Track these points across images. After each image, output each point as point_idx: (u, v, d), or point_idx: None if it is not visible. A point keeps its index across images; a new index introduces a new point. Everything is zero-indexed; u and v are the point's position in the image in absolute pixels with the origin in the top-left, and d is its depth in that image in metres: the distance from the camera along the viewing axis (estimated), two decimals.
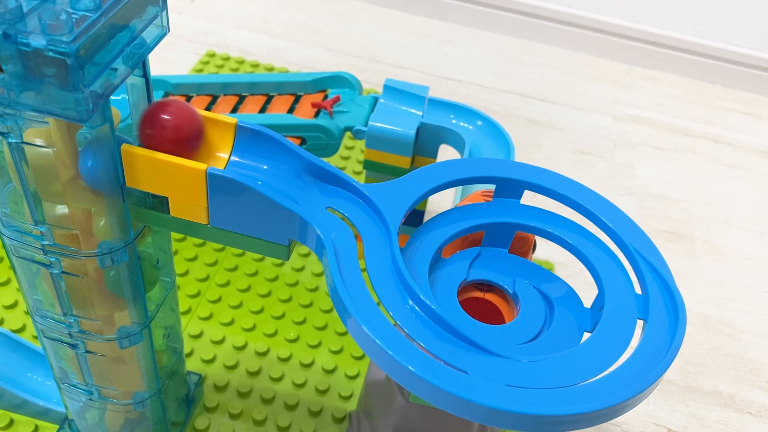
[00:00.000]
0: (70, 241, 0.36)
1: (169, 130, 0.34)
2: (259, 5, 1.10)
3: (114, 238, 0.36)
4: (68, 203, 0.34)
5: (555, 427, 0.30)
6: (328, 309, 0.65)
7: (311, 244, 0.35)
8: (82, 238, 0.36)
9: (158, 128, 0.34)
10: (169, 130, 0.34)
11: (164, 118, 0.34)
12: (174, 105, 0.34)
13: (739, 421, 0.63)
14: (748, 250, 0.80)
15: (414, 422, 0.46)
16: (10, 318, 0.61)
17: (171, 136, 0.34)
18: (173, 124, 0.34)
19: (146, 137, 0.34)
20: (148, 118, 0.34)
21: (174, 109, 0.34)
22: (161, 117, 0.34)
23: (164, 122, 0.34)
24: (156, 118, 0.34)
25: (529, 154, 0.89)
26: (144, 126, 0.34)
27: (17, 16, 0.27)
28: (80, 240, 0.36)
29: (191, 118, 0.34)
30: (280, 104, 0.66)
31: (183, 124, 0.34)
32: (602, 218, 0.37)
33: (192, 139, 0.35)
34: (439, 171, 0.38)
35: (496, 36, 1.11)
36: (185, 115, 0.34)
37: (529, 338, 0.35)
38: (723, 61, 1.06)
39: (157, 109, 0.34)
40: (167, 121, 0.34)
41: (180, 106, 0.34)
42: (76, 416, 0.49)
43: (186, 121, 0.34)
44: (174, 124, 0.34)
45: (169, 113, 0.34)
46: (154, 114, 0.34)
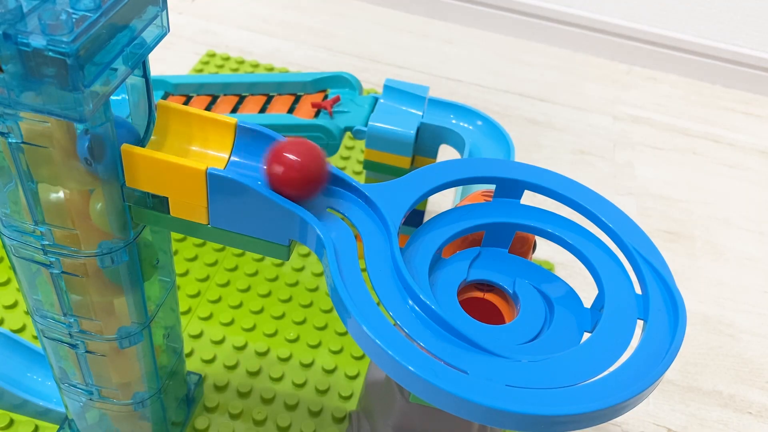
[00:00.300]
0: (70, 241, 0.36)
1: (296, 172, 0.33)
2: (259, 5, 1.10)
3: (111, 223, 0.36)
4: (64, 185, 0.34)
5: (555, 427, 0.30)
6: (328, 309, 0.65)
7: (311, 244, 0.35)
8: (77, 223, 0.35)
9: (287, 168, 0.33)
10: (295, 172, 0.33)
11: (292, 159, 0.33)
12: (304, 146, 0.33)
13: (739, 421, 0.63)
14: (748, 250, 0.80)
15: (414, 422, 0.46)
16: (10, 318, 0.61)
17: (297, 178, 0.33)
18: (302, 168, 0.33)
19: (273, 176, 0.33)
20: (277, 155, 0.33)
21: (304, 150, 0.33)
22: (288, 157, 0.33)
23: (292, 163, 0.33)
24: (284, 159, 0.33)
25: (529, 154, 0.89)
26: (273, 163, 0.33)
27: (17, 16, 0.27)
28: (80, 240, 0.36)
29: (320, 163, 0.33)
30: (280, 104, 0.66)
31: (311, 170, 0.33)
32: (602, 218, 0.37)
33: (319, 185, 0.34)
34: (439, 171, 0.38)
35: (496, 36, 1.11)
36: (314, 157, 0.33)
37: (529, 338, 0.35)
38: (723, 61, 1.06)
39: (285, 149, 0.33)
40: (296, 162, 0.33)
41: (309, 148, 0.33)
42: (76, 416, 0.49)
43: (315, 166, 0.33)
44: (304, 169, 0.33)
45: (297, 154, 0.33)
46: (283, 152, 0.33)
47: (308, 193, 0.34)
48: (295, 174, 0.33)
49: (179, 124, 0.36)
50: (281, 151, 0.33)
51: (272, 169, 0.33)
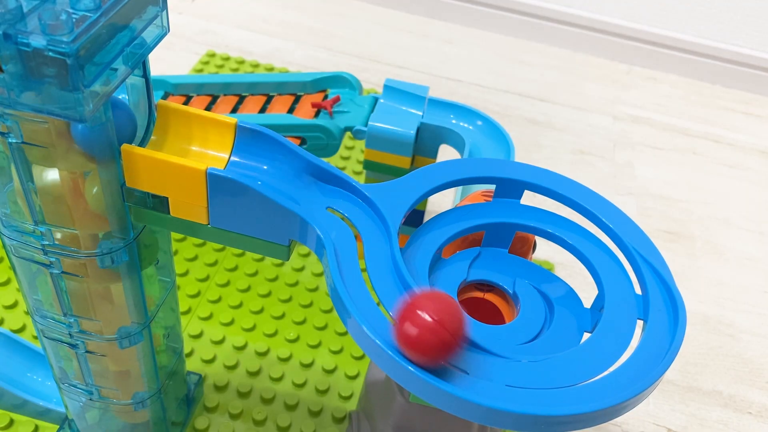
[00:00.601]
0: (70, 241, 0.36)
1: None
2: (259, 5, 1.10)
3: (107, 208, 0.36)
4: (58, 166, 0.34)
5: (555, 427, 0.30)
6: (328, 309, 0.65)
7: (311, 244, 0.35)
8: (72, 207, 0.35)
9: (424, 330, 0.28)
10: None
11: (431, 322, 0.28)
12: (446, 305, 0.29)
13: (739, 421, 0.63)
14: (748, 250, 0.80)
15: (414, 422, 0.46)
16: (10, 318, 0.61)
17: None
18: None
19: (405, 335, 0.29)
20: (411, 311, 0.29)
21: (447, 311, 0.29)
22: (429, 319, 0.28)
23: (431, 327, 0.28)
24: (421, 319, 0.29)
25: (529, 154, 0.89)
26: (406, 320, 0.29)
27: (17, 16, 0.27)
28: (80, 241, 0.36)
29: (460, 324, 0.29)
30: (280, 104, 0.66)
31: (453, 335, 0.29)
32: (602, 218, 0.37)
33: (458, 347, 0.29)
34: (439, 171, 0.38)
35: (496, 36, 1.11)
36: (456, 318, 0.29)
37: (529, 338, 0.35)
38: (723, 61, 1.06)
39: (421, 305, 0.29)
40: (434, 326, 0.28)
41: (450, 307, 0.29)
42: (76, 416, 0.49)
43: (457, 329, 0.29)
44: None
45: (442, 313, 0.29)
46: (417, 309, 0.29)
47: (440, 359, 0.30)
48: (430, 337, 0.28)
49: (179, 124, 0.36)
50: (416, 308, 0.29)
51: (405, 329, 0.29)
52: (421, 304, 0.29)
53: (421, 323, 0.28)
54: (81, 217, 0.35)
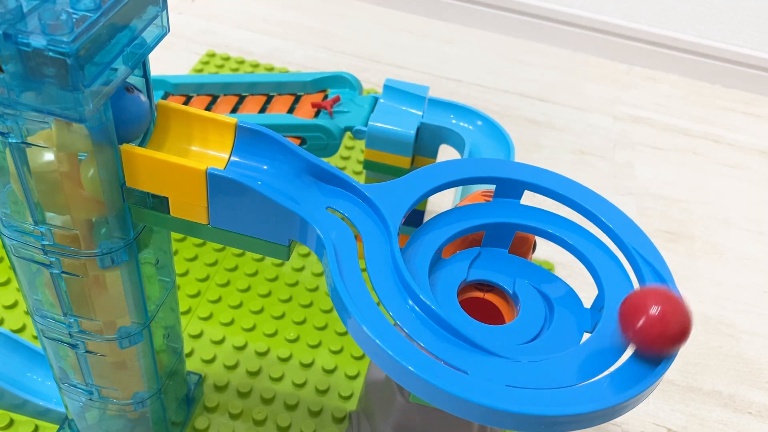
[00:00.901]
0: (70, 241, 0.36)
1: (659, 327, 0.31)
2: (259, 5, 1.10)
3: (103, 191, 0.35)
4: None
5: (555, 427, 0.30)
6: (328, 309, 0.65)
7: (311, 244, 0.35)
8: (68, 190, 0.34)
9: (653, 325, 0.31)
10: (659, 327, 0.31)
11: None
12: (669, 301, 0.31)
13: (739, 421, 0.63)
14: (748, 250, 0.80)
15: (414, 422, 0.46)
16: (10, 318, 0.61)
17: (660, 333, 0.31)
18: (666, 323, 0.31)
19: (637, 332, 0.31)
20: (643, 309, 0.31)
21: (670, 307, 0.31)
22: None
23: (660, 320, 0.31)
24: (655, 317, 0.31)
25: (529, 154, 0.89)
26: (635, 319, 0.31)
27: (17, 16, 0.27)
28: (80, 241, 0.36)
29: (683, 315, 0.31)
30: (280, 104, 0.66)
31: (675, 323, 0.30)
32: (602, 218, 0.37)
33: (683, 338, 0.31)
34: (439, 171, 0.38)
35: (496, 36, 1.11)
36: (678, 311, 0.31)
37: (529, 338, 0.35)
38: (723, 61, 1.06)
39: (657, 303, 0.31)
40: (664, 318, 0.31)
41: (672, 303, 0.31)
42: (76, 416, 0.49)
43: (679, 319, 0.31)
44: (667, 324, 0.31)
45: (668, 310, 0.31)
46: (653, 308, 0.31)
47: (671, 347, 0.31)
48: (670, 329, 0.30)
49: (179, 124, 0.36)
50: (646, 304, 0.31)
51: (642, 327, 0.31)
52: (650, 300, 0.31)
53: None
54: (77, 201, 0.35)
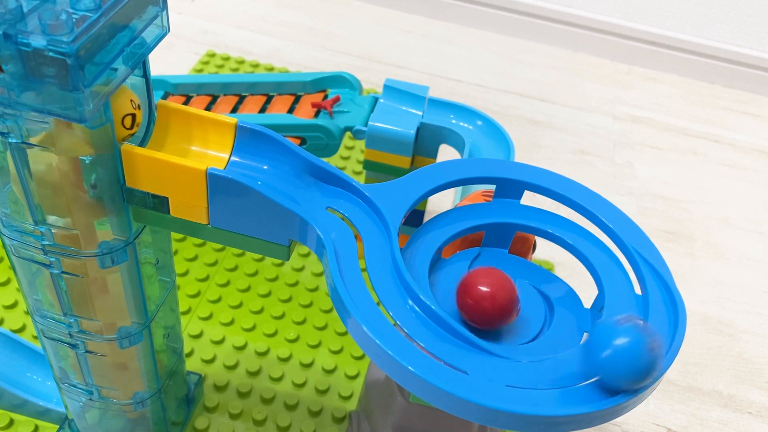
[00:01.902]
0: (70, 241, 0.36)
1: (488, 302, 0.33)
2: (259, 5, 1.10)
3: (106, 197, 0.36)
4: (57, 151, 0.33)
5: (555, 427, 0.30)
6: (328, 309, 0.65)
7: (311, 244, 0.35)
8: (68, 193, 0.34)
9: (478, 299, 0.34)
10: (487, 302, 0.33)
11: (483, 291, 0.33)
12: (492, 276, 0.34)
13: (739, 421, 0.63)
14: (748, 250, 0.80)
15: (414, 422, 0.46)
16: (10, 318, 0.61)
17: (489, 307, 0.33)
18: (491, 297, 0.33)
19: (465, 305, 0.34)
20: (470, 288, 0.34)
21: (492, 281, 0.34)
22: (480, 289, 0.34)
23: (483, 294, 0.33)
24: (476, 291, 0.34)
25: (529, 154, 0.89)
26: (466, 295, 0.34)
27: (17, 16, 0.27)
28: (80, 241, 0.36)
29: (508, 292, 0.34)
30: (280, 104, 0.66)
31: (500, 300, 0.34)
32: (602, 218, 0.37)
33: (508, 315, 0.34)
34: (439, 171, 0.38)
35: (496, 36, 1.11)
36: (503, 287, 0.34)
37: (529, 338, 0.35)
38: (723, 61, 1.06)
39: (477, 281, 0.34)
40: (486, 293, 0.33)
41: (497, 278, 0.34)
42: (76, 416, 0.49)
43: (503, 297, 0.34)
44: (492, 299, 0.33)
45: (487, 285, 0.34)
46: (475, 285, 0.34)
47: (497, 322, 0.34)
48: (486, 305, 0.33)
49: (179, 124, 0.36)
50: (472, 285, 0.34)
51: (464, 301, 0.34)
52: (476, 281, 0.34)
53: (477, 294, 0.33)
54: (77, 204, 0.35)
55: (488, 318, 0.33)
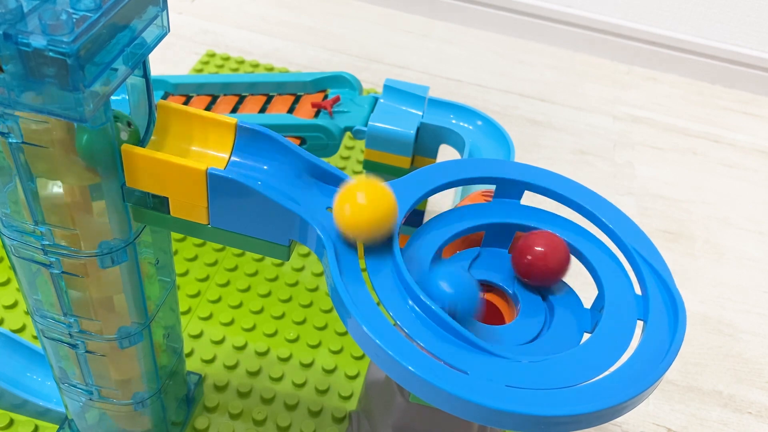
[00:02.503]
0: (70, 241, 0.36)
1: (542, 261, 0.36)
2: (259, 5, 1.10)
3: (112, 223, 0.36)
4: (63, 180, 0.33)
5: (555, 427, 0.30)
6: (328, 309, 0.65)
7: (311, 244, 0.35)
8: (76, 220, 0.34)
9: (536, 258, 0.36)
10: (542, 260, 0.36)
11: (538, 251, 0.36)
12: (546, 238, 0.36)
13: (739, 421, 0.63)
14: (748, 250, 0.80)
15: (414, 422, 0.46)
16: (10, 318, 0.61)
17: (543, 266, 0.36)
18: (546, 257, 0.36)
19: (525, 264, 0.36)
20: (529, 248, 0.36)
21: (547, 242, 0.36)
22: (536, 249, 0.36)
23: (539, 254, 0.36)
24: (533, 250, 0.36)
25: (529, 154, 0.89)
26: (525, 254, 0.36)
27: (18, 16, 0.27)
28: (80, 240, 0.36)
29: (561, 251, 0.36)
30: (280, 104, 0.66)
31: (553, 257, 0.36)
32: (602, 219, 0.37)
33: (561, 272, 0.36)
34: (439, 171, 0.38)
35: (496, 36, 1.11)
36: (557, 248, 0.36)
37: (529, 339, 0.35)
38: (723, 61, 1.06)
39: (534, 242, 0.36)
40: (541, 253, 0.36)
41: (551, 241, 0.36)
42: (76, 416, 0.49)
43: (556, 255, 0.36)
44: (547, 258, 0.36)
45: (544, 246, 0.36)
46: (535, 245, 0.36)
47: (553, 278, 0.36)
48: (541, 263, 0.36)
49: (179, 124, 0.36)
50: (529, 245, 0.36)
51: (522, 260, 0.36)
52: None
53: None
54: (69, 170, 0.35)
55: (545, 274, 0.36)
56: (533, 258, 0.36)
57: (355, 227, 0.33)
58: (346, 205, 0.33)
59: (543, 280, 0.36)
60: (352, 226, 0.33)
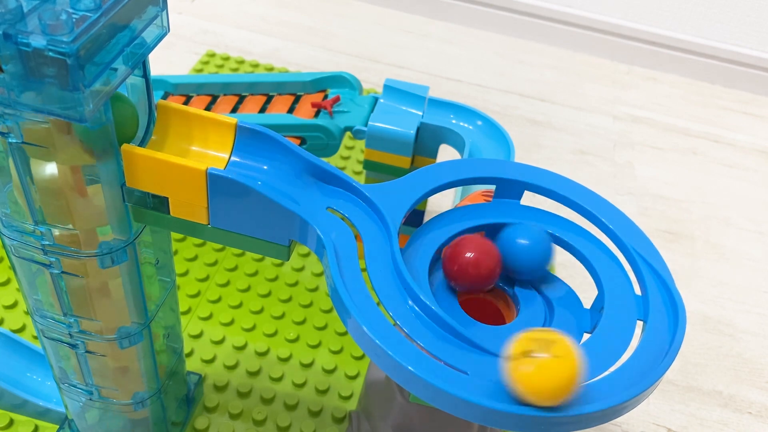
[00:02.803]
0: (70, 241, 0.36)
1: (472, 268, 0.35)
2: (259, 5, 1.10)
3: (110, 219, 0.36)
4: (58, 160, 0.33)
5: (555, 427, 0.30)
6: (328, 309, 0.65)
7: (311, 244, 0.35)
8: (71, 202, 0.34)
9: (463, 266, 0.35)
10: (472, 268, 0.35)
11: (468, 257, 0.35)
12: (474, 242, 0.36)
13: (739, 421, 0.63)
14: (748, 250, 0.80)
15: (414, 422, 0.46)
16: (10, 318, 0.61)
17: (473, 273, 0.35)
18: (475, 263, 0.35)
19: (451, 272, 0.36)
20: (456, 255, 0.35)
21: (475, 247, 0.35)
22: (465, 256, 0.35)
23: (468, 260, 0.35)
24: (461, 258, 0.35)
25: (529, 154, 0.89)
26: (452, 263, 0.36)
27: (17, 16, 0.27)
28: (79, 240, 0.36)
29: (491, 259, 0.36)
30: (280, 104, 0.66)
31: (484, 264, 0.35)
32: (602, 219, 0.37)
33: (491, 279, 0.36)
34: (439, 171, 0.38)
35: (496, 36, 1.11)
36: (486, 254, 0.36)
37: None
38: (723, 61, 1.06)
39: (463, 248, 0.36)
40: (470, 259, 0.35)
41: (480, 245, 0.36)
42: (76, 416, 0.49)
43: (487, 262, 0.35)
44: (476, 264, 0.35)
45: (471, 251, 0.35)
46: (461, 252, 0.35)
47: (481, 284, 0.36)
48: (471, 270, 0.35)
49: (179, 124, 0.36)
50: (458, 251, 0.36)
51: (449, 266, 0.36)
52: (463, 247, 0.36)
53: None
54: (80, 212, 0.35)
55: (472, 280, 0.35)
56: (463, 264, 0.35)
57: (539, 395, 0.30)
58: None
59: (472, 285, 0.36)
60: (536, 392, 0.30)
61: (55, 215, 0.35)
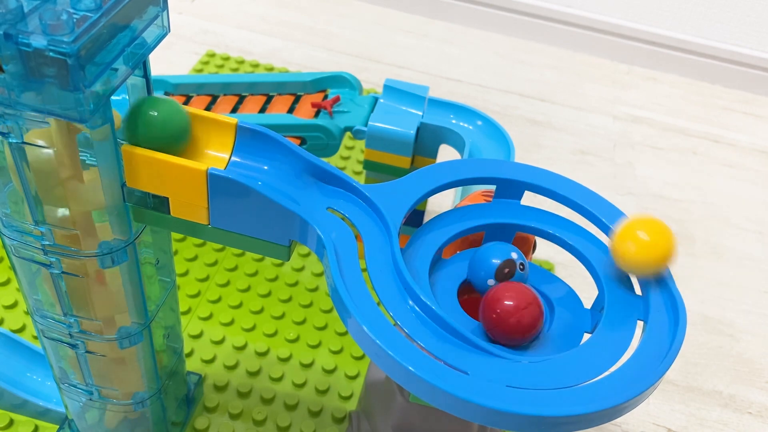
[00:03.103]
0: (70, 242, 0.36)
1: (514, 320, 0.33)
2: (259, 5, 1.10)
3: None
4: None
5: (555, 428, 0.30)
6: (328, 309, 0.65)
7: (312, 244, 0.35)
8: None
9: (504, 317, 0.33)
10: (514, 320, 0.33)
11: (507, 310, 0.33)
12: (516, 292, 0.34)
13: (739, 421, 0.63)
14: (748, 250, 0.80)
15: (414, 422, 0.46)
16: (10, 318, 0.61)
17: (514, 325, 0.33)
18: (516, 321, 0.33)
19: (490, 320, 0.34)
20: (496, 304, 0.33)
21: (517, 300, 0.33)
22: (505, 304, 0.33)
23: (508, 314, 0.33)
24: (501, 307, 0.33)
25: (529, 154, 0.89)
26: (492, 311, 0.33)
27: (18, 17, 0.27)
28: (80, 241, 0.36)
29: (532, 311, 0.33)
30: (280, 104, 0.66)
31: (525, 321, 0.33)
32: (602, 219, 0.37)
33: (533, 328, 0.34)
34: (439, 171, 0.38)
35: (496, 36, 1.11)
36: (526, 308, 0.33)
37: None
38: (723, 61, 1.06)
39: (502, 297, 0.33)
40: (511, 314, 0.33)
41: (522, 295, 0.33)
42: (76, 416, 0.49)
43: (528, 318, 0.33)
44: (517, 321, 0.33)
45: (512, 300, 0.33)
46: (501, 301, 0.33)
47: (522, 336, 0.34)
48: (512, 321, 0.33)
49: None
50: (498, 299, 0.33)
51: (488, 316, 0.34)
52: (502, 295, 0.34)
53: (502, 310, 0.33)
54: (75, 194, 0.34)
55: (513, 334, 0.33)
56: (502, 313, 0.33)
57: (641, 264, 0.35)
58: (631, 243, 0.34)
59: (512, 338, 0.33)
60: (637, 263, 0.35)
61: (49, 199, 0.34)
